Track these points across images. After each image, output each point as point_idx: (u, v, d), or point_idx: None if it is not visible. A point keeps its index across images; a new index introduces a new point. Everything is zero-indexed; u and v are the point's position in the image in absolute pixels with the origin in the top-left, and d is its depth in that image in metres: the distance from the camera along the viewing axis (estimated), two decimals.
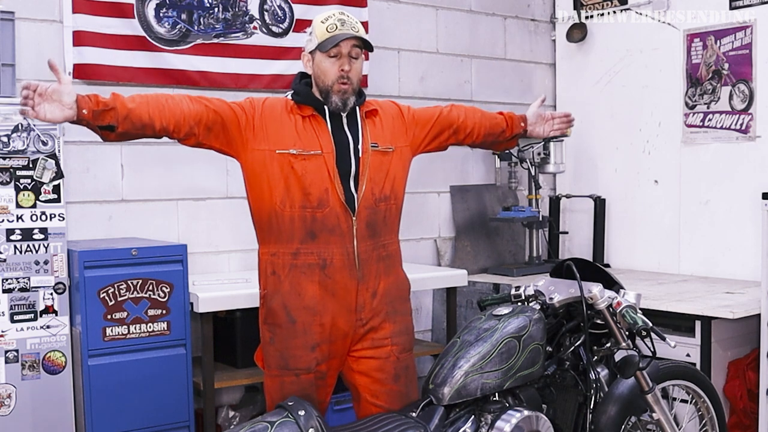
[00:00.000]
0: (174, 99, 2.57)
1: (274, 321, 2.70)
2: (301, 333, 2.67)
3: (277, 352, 2.70)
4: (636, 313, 2.66)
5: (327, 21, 2.65)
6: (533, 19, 5.27)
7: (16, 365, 3.12)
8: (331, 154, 2.66)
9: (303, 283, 2.66)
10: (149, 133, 2.54)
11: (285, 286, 2.67)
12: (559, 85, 5.34)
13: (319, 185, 2.64)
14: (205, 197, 4.05)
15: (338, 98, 2.68)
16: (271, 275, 2.70)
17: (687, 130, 4.64)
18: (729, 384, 3.73)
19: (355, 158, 2.71)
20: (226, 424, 3.84)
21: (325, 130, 2.69)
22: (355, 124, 2.75)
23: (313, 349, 2.68)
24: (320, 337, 2.68)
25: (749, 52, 4.34)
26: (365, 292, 2.72)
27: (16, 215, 3.12)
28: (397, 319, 2.81)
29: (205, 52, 3.96)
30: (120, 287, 3.23)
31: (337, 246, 2.66)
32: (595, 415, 2.81)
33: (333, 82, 2.66)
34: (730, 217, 4.45)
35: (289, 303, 2.67)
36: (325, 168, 2.65)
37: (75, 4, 3.64)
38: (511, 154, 4.68)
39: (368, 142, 2.76)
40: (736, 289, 4.02)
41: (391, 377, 2.78)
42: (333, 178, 2.65)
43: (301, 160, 2.63)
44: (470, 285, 4.40)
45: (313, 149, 2.65)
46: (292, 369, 2.68)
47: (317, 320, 2.67)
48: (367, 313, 2.73)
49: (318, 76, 2.69)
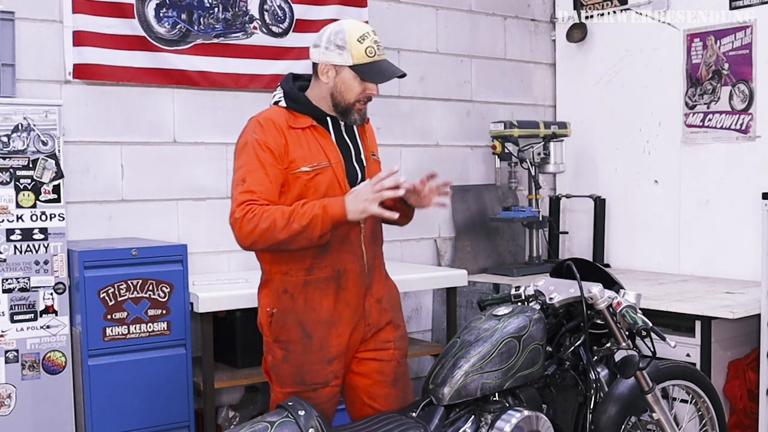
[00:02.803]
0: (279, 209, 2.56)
1: (288, 338, 2.68)
2: (317, 348, 2.66)
3: (292, 369, 2.68)
4: (636, 313, 2.66)
5: (364, 41, 2.61)
6: (533, 19, 5.27)
7: (16, 365, 3.12)
8: (339, 164, 2.67)
9: (318, 297, 2.65)
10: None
11: (299, 303, 2.66)
12: (559, 85, 5.34)
13: (332, 196, 2.62)
14: (205, 197, 4.05)
15: (358, 115, 2.69)
16: (282, 294, 2.68)
17: (687, 130, 4.64)
18: (729, 384, 3.73)
19: (359, 166, 2.74)
20: (226, 424, 3.84)
21: (328, 139, 2.69)
22: (352, 131, 2.76)
23: (330, 363, 2.68)
24: (337, 350, 2.68)
25: (749, 52, 4.34)
26: (371, 298, 2.75)
27: (16, 215, 3.12)
28: (399, 324, 2.86)
29: (205, 52, 3.96)
30: (120, 287, 3.23)
31: (348, 255, 2.67)
32: (595, 415, 2.81)
33: (356, 101, 2.66)
34: (730, 217, 4.44)
35: (305, 319, 2.66)
36: (335, 178, 2.65)
37: (75, 4, 3.64)
38: (511, 154, 4.68)
39: (368, 150, 2.80)
40: (736, 289, 4.02)
41: (390, 380, 2.80)
42: (344, 188, 2.65)
43: (314, 176, 2.62)
44: (470, 285, 4.40)
45: (321, 161, 2.64)
46: (309, 384, 2.67)
47: (333, 332, 2.68)
48: (373, 318, 2.75)
49: (339, 91, 2.65)
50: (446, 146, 4.89)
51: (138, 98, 3.85)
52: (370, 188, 2.48)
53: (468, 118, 4.99)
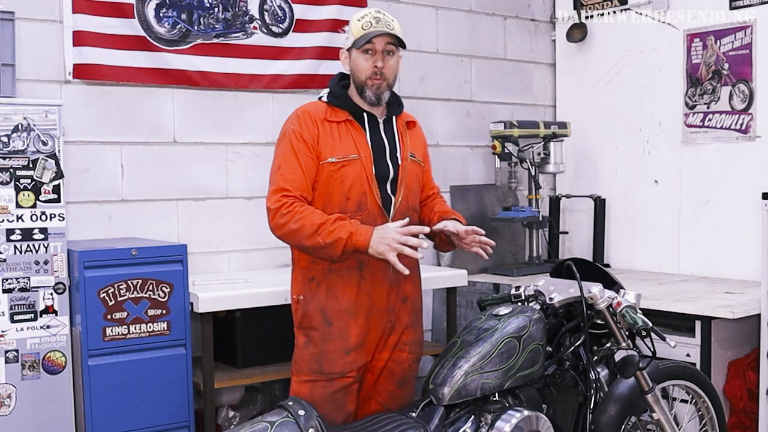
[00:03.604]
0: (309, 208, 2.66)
1: (310, 324, 2.74)
2: (337, 336, 2.71)
3: (311, 356, 2.73)
4: (636, 313, 2.66)
5: (363, 19, 2.72)
6: (533, 19, 5.27)
7: (16, 365, 3.12)
8: (368, 158, 2.72)
9: (341, 286, 2.71)
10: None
11: (323, 290, 2.73)
12: (559, 85, 5.34)
13: (359, 189, 2.70)
14: (205, 197, 4.05)
15: (372, 93, 2.73)
16: (309, 281, 2.75)
17: (687, 130, 4.64)
18: (729, 384, 3.73)
19: (393, 164, 2.77)
20: (226, 424, 3.84)
21: (361, 134, 2.74)
22: (392, 130, 2.81)
23: (348, 353, 2.72)
24: (356, 341, 2.72)
25: (749, 52, 4.34)
26: (395, 296, 2.79)
27: (16, 215, 3.11)
28: (417, 329, 2.92)
29: (205, 52, 3.96)
30: (120, 287, 3.23)
31: None
32: (595, 415, 2.81)
33: (367, 78, 2.72)
34: (730, 217, 4.44)
35: (327, 306, 2.72)
36: (363, 172, 2.70)
37: (75, 4, 3.64)
38: (511, 154, 4.68)
39: (407, 150, 2.83)
40: (736, 289, 4.02)
41: (398, 381, 2.85)
42: (371, 182, 2.71)
43: (340, 167, 2.69)
44: (470, 285, 4.40)
45: (350, 154, 2.70)
46: (326, 373, 2.71)
47: (353, 323, 2.72)
48: (395, 315, 2.79)
49: (354, 72, 2.76)
50: (446, 146, 4.89)
51: (138, 98, 3.85)
52: (396, 237, 2.54)
53: (468, 118, 4.98)
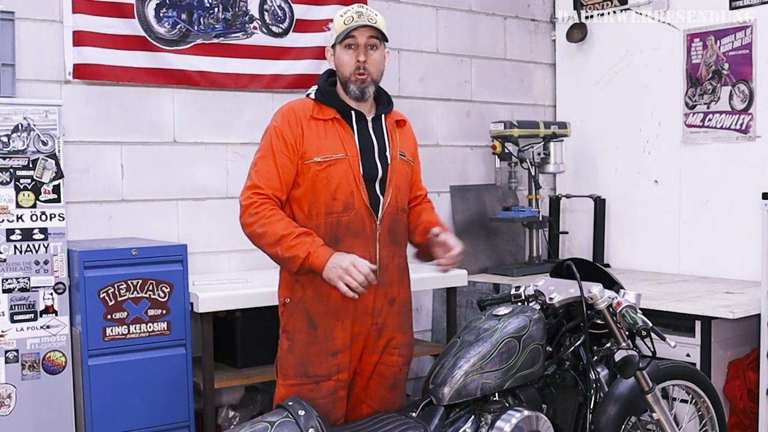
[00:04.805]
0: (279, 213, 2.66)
1: (295, 327, 2.71)
2: (322, 339, 2.68)
3: (296, 359, 2.70)
4: (636, 313, 2.66)
5: (345, 14, 2.71)
6: (533, 19, 5.27)
7: (16, 365, 3.12)
8: (355, 158, 2.68)
9: (326, 288, 2.65)
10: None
11: (308, 293, 2.69)
12: (559, 85, 5.34)
13: (345, 189, 2.66)
14: (205, 197, 4.05)
15: (356, 87, 2.70)
16: (295, 284, 2.72)
17: (687, 130, 4.64)
18: (729, 384, 3.73)
19: (382, 163, 2.74)
20: (226, 424, 3.84)
21: (349, 132, 2.71)
22: (381, 129, 2.78)
23: (334, 356, 2.69)
24: (341, 343, 2.70)
25: (749, 52, 4.34)
26: (383, 298, 2.75)
27: (16, 215, 3.11)
28: (407, 331, 2.87)
29: (205, 52, 3.96)
30: (120, 287, 3.23)
31: (360, 249, 2.67)
32: (595, 415, 2.81)
33: (351, 74, 2.69)
34: (730, 217, 4.44)
35: (312, 309, 2.69)
36: (350, 171, 2.67)
37: (75, 4, 3.64)
38: (511, 154, 4.68)
39: (397, 149, 2.79)
40: (736, 289, 4.02)
41: (389, 385, 2.82)
42: (358, 182, 2.67)
43: (326, 167, 2.65)
44: (470, 285, 4.40)
45: (337, 153, 2.67)
46: (312, 376, 2.68)
47: (339, 325, 2.69)
48: (382, 318, 2.76)
49: (338, 68, 2.73)
50: (446, 146, 4.89)
51: (138, 98, 3.85)
52: (348, 268, 2.53)
53: (468, 118, 4.98)
